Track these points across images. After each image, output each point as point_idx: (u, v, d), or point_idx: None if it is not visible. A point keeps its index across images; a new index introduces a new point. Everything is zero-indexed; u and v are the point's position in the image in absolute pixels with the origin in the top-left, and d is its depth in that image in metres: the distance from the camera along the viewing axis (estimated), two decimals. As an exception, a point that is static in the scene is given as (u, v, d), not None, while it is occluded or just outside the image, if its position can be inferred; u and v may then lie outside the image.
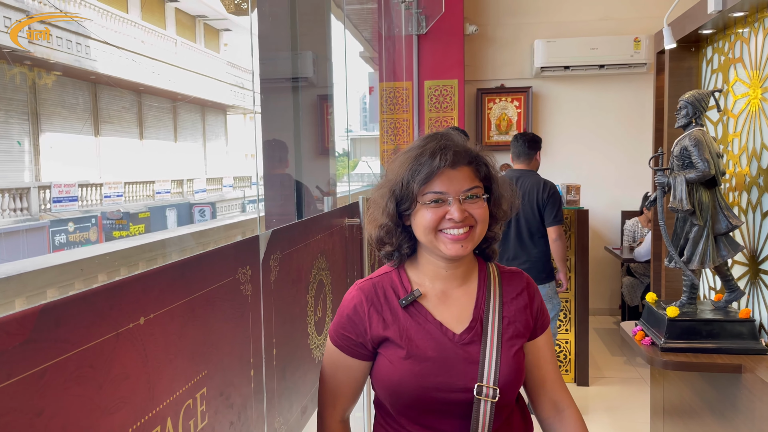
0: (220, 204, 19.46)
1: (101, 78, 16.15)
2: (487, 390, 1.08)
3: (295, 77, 2.78)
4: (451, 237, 1.10)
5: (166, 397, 0.91)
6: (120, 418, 0.79)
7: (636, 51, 5.03)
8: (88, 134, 16.71)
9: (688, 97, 1.97)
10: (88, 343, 0.72)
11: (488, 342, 1.12)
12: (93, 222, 15.36)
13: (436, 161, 1.10)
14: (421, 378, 1.08)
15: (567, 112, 5.45)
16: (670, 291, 2.56)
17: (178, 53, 19.09)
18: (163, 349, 0.90)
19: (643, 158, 5.31)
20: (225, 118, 23.82)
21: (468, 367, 1.09)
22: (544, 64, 5.18)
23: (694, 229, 1.95)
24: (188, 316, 0.98)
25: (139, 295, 0.84)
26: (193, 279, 1.00)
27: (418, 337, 1.11)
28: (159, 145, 19.68)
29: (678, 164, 1.97)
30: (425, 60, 5.17)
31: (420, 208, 1.12)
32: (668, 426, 2.56)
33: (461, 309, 1.16)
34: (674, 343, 1.95)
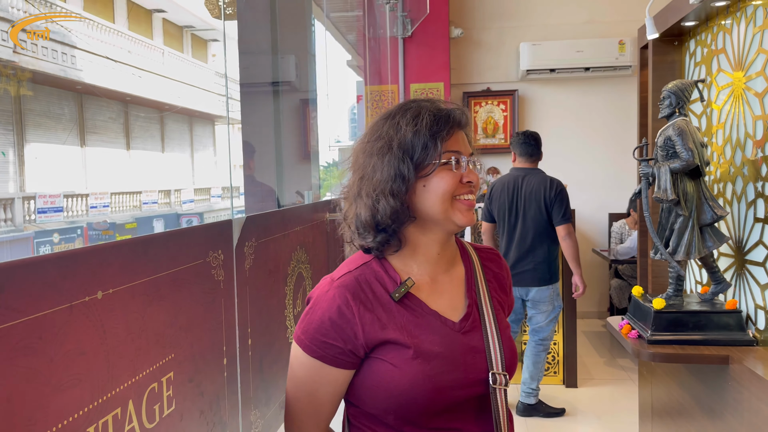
0: (208, 214, 19.33)
1: (87, 88, 16.06)
2: (500, 378, 1.01)
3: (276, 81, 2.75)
4: (467, 203, 1.01)
5: (127, 378, 0.87)
6: (74, 396, 0.75)
7: (621, 53, 5.04)
8: (74, 144, 16.58)
9: (671, 87, 1.96)
10: (36, 313, 0.68)
11: (488, 327, 1.04)
12: (79, 233, 15.20)
13: (451, 119, 1.01)
14: (434, 378, 0.97)
15: (553, 115, 5.45)
16: (656, 286, 2.54)
17: (166, 63, 19.04)
18: (124, 328, 0.86)
19: (630, 161, 5.30)
20: (213, 128, 23.74)
21: (475, 357, 1.01)
22: (529, 67, 5.18)
23: (679, 219, 1.93)
24: (153, 295, 0.94)
25: (95, 268, 0.79)
26: (159, 257, 0.96)
27: (420, 331, 0.99)
28: (146, 156, 19.56)
29: (662, 154, 1.96)
30: (411, 63, 5.16)
31: (441, 170, 0.99)
32: (657, 424, 2.53)
33: (453, 295, 1.07)
34: (661, 335, 1.92)
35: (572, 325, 3.82)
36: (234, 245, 1.29)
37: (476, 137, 5.49)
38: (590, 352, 4.56)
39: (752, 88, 1.91)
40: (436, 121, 1.00)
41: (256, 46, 2.66)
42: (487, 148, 5.45)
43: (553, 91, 5.44)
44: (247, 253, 1.36)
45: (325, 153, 5.06)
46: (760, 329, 1.87)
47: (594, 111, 5.40)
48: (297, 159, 2.81)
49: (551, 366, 3.87)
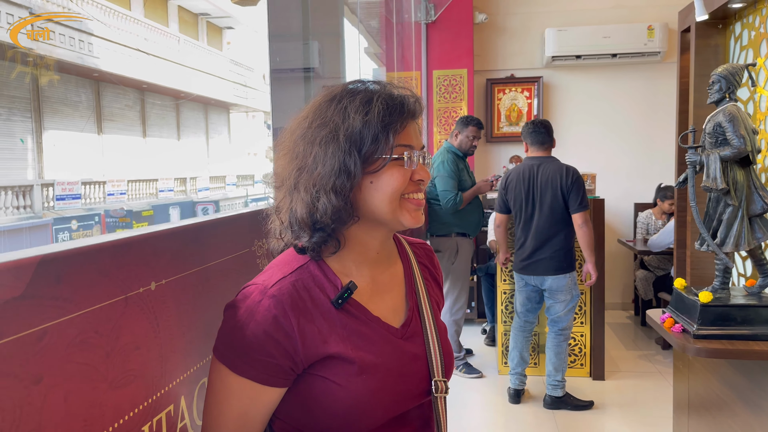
0: (223, 202, 19.39)
1: (104, 75, 16.10)
2: (441, 385, 0.93)
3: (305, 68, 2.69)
4: (416, 203, 0.90)
5: (179, 373, 0.82)
6: (129, 394, 0.70)
7: (650, 39, 4.92)
8: (91, 132, 16.66)
9: (721, 71, 1.88)
10: (93, 305, 0.63)
11: (428, 331, 0.96)
12: (96, 220, 15.31)
13: (408, 106, 0.89)
14: (380, 393, 0.87)
15: (578, 102, 5.35)
16: (695, 279, 2.46)
17: (181, 51, 19.04)
18: (176, 321, 0.81)
19: (657, 149, 5.21)
20: (228, 116, 23.75)
21: (416, 365, 0.93)
22: (555, 53, 5.08)
23: (728, 210, 1.85)
24: (203, 286, 0.89)
25: (149, 257, 0.75)
26: (208, 246, 0.91)
27: (363, 343, 0.88)
28: (162, 143, 19.62)
29: (711, 141, 1.88)
30: (434, 49, 5.07)
31: (391, 167, 0.87)
32: (694, 419, 2.46)
33: (393, 297, 0.96)
34: (708, 330, 1.85)
35: (599, 318, 3.76)
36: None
37: (499, 125, 5.40)
38: (616, 344, 4.49)
39: (807, 72, 1.82)
40: (389, 110, 0.87)
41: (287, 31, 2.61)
42: (511, 136, 5.37)
43: (578, 78, 5.33)
44: (289, 242, 1.31)
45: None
46: (812, 324, 1.80)
47: (620, 98, 5.29)
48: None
49: (578, 358, 3.81)
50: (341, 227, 0.89)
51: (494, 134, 5.39)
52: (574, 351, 3.80)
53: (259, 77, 23.21)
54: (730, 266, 1.92)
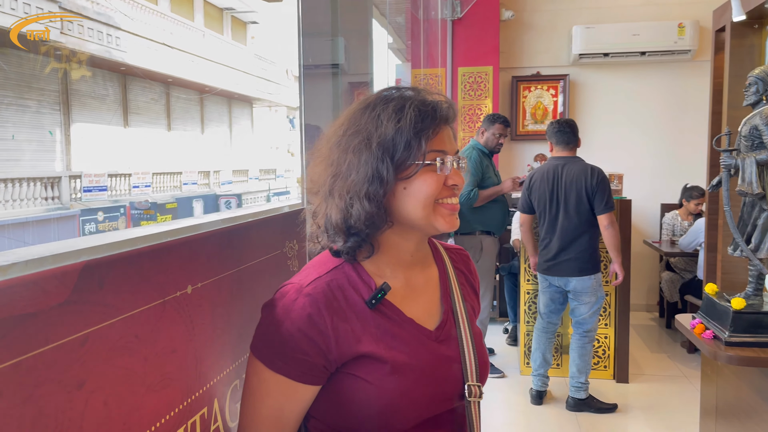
0: (246, 195, 19.53)
1: (131, 69, 16.30)
2: (474, 389, 0.93)
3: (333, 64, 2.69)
4: (450, 207, 0.91)
5: (213, 375, 0.83)
6: (166, 397, 0.71)
7: (680, 37, 4.84)
8: (118, 125, 16.88)
9: (758, 73, 1.83)
10: (133, 310, 0.64)
11: (463, 335, 0.96)
12: (122, 211, 15.53)
13: (441, 112, 0.90)
14: (413, 394, 0.88)
15: (605, 101, 5.28)
16: (726, 283, 2.42)
17: (206, 45, 19.18)
18: (211, 323, 0.82)
19: (684, 149, 5.12)
20: (251, 110, 23.89)
21: (450, 368, 0.93)
22: (582, 51, 5.01)
23: (764, 214, 1.81)
24: (236, 288, 0.89)
25: (185, 261, 0.75)
26: (242, 248, 0.91)
27: (396, 343, 0.89)
28: (186, 137, 19.81)
29: (747, 145, 1.84)
30: (459, 46, 5.04)
31: (424, 172, 0.88)
32: (721, 426, 2.42)
33: (428, 300, 0.97)
34: (740, 337, 1.82)
35: (624, 319, 3.71)
36: (307, 234, 1.24)
37: (524, 123, 5.36)
38: (640, 346, 4.43)
39: None
40: (422, 116, 0.88)
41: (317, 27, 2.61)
42: (536, 134, 5.32)
43: (605, 76, 5.26)
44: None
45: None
46: None
47: (648, 97, 5.21)
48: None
49: (601, 360, 3.77)
50: (375, 232, 0.90)
51: (519, 132, 5.34)
52: (597, 353, 3.76)
53: (282, 72, 23.31)
54: (764, 272, 1.88)
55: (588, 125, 5.28)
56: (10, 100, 13.16)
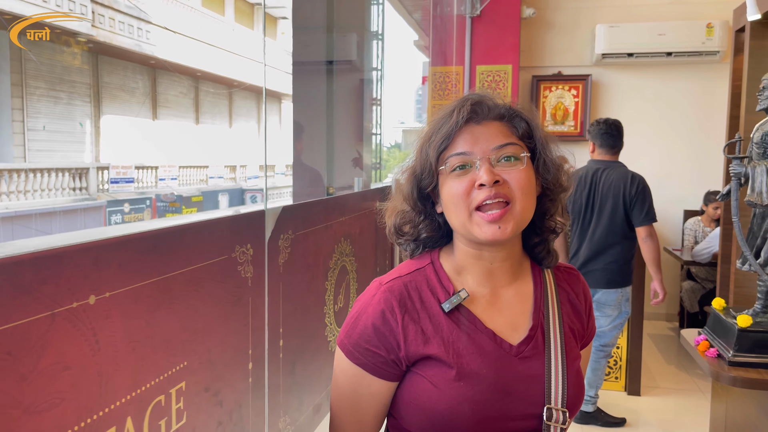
0: (271, 191, 19.56)
1: (160, 63, 16.49)
2: (557, 414, 0.87)
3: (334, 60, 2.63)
4: (486, 216, 0.86)
5: (125, 392, 0.76)
6: (54, 417, 0.64)
7: (708, 38, 4.65)
8: (146, 117, 17.10)
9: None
10: (4, 325, 0.58)
11: (552, 355, 0.91)
12: (147, 204, 15.75)
13: (453, 117, 0.89)
14: (478, 405, 0.85)
15: (628, 103, 5.11)
16: (739, 297, 2.29)
17: (236, 40, 19.31)
18: (124, 336, 0.76)
19: (711, 155, 4.93)
20: (279, 106, 24.02)
21: (530, 387, 0.89)
22: (605, 50, 4.86)
23: (774, 227, 1.69)
24: (162, 297, 0.83)
25: (87, 270, 0.69)
26: (171, 254, 0.85)
27: (468, 351, 0.88)
28: (214, 130, 19.98)
29: (758, 152, 1.72)
30: (478, 44, 4.93)
31: (445, 180, 0.90)
32: (730, 447, 2.29)
33: (516, 314, 0.93)
34: (744, 357, 1.70)
35: (638, 328, 3.58)
36: (267, 238, 1.17)
37: (544, 124, 5.22)
38: (656, 357, 4.28)
39: None
40: (437, 127, 0.91)
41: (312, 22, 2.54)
42: (556, 135, 5.18)
43: (629, 76, 5.10)
44: (282, 247, 1.25)
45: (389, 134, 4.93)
46: None
47: (674, 100, 5.03)
48: (351, 140, 2.68)
49: (612, 371, 3.64)
50: (422, 234, 0.96)
51: (538, 133, 5.21)
52: (609, 363, 3.64)
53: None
54: (773, 289, 1.76)
55: (610, 127, 5.13)
56: (42, 91, 13.41)
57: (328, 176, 2.47)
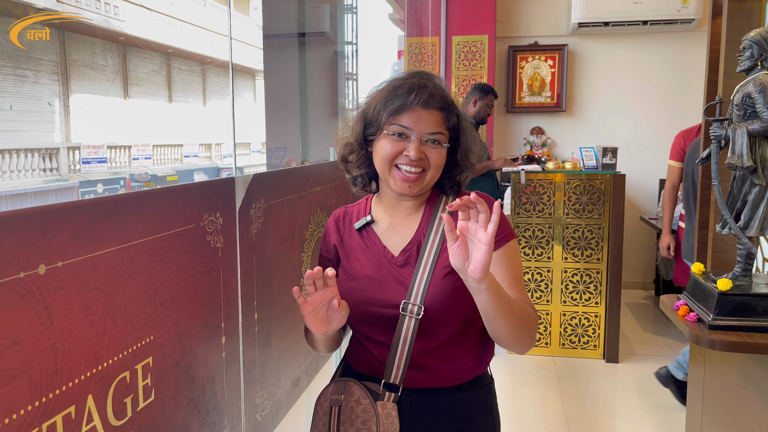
0: (248, 168, 19.37)
1: (130, 39, 16.08)
2: (411, 307, 1.12)
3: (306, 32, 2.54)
4: (402, 175, 1.14)
5: (85, 368, 0.71)
6: (4, 396, 0.59)
7: (684, 5, 4.63)
8: (117, 96, 16.70)
9: (753, 36, 1.68)
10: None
11: (422, 264, 1.15)
12: (121, 184, 15.45)
13: (411, 97, 1.12)
14: (358, 293, 1.16)
15: (605, 72, 5.10)
16: (717, 262, 2.29)
17: (207, 15, 18.88)
18: (81, 308, 0.70)
19: (686, 123, 4.95)
20: (254, 82, 23.60)
21: (398, 286, 1.15)
22: (581, 20, 4.82)
23: (754, 190, 1.68)
24: (124, 267, 0.78)
25: (36, 236, 0.63)
26: (132, 222, 0.79)
27: (361, 257, 1.20)
28: (187, 108, 19.62)
29: (738, 114, 1.69)
30: (454, 14, 4.85)
31: (382, 137, 1.15)
32: (708, 410, 2.32)
33: (405, 234, 1.20)
34: (725, 321, 1.70)
35: (616, 296, 3.60)
36: (237, 207, 1.12)
37: (521, 95, 5.19)
38: (633, 325, 4.33)
39: None
40: (394, 94, 1.14)
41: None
42: (533, 106, 5.15)
43: (606, 46, 5.07)
44: (254, 216, 1.20)
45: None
46: (842, 318, 1.64)
47: (650, 68, 5.03)
48: (326, 114, 2.62)
49: (591, 339, 3.67)
50: (362, 168, 1.23)
51: (515, 104, 5.18)
52: (587, 332, 3.66)
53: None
54: (753, 252, 1.76)
55: (586, 96, 5.11)
56: (8, 70, 12.98)
57: (303, 151, 2.41)
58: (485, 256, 0.97)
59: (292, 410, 1.43)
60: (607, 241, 3.57)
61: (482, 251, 0.97)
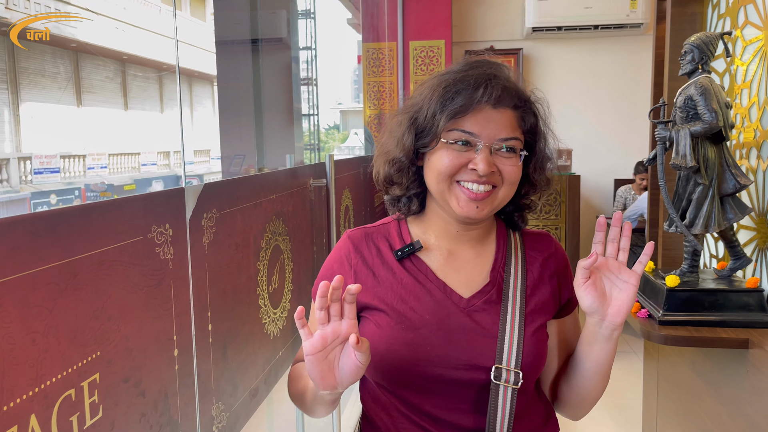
0: (208, 176, 19.13)
1: (82, 46, 15.74)
2: (507, 374, 0.87)
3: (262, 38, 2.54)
4: (468, 193, 0.90)
5: (26, 388, 0.70)
6: (-64, 421, 0.58)
7: (632, 10, 4.77)
8: (70, 104, 16.32)
9: (694, 40, 1.75)
10: None
11: (509, 313, 0.91)
12: (76, 194, 15.09)
13: (478, 93, 0.88)
14: (418, 348, 0.88)
15: (559, 75, 5.21)
16: (667, 259, 2.37)
17: (163, 21, 18.60)
18: (20, 326, 0.69)
19: (638, 124, 5.09)
20: (212, 89, 23.31)
21: (478, 340, 0.89)
22: (535, 24, 4.91)
23: (698, 189, 1.74)
24: (67, 283, 0.76)
25: (-30, 254, 0.62)
26: (75, 236, 0.78)
27: (413, 297, 0.92)
28: (144, 116, 19.29)
29: (682, 116, 1.76)
30: (410, 19, 4.89)
31: (440, 147, 0.91)
32: (662, 404, 2.39)
33: (473, 272, 0.95)
34: (674, 316, 1.75)
35: (574, 296, 3.68)
36: (188, 218, 1.11)
37: (478, 98, 5.25)
38: (592, 322, 4.42)
39: (786, 41, 1.70)
40: (454, 92, 0.89)
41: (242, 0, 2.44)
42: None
43: (559, 50, 5.18)
44: (206, 226, 1.19)
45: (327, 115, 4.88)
46: (783, 310, 1.71)
47: (602, 72, 5.16)
48: (282, 121, 2.61)
49: (551, 338, 3.74)
50: (412, 189, 0.97)
51: (473, 108, 5.25)
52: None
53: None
54: (699, 249, 1.82)
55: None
56: (-47, 79, 12.56)
57: (259, 157, 2.39)
58: (632, 298, 0.86)
59: (252, 421, 1.42)
60: (565, 241, 3.65)
61: (629, 292, 0.86)
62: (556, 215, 3.64)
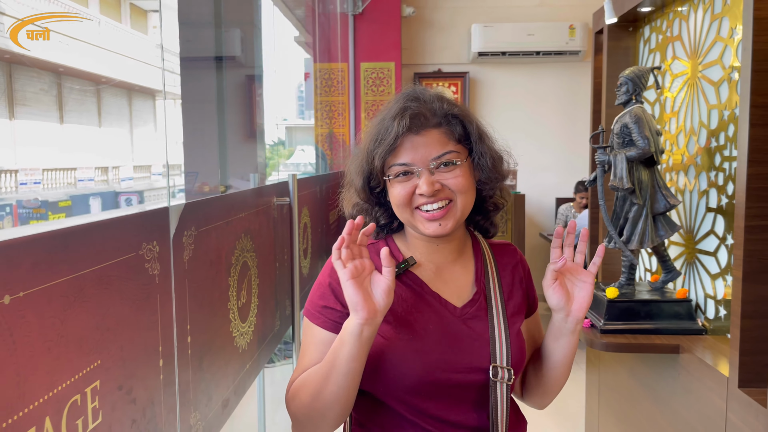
0: (148, 192, 18.69)
1: (16, 57, 15.20)
2: (502, 372, 0.96)
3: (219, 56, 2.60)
4: (425, 215, 0.98)
5: (43, 392, 0.75)
6: (-27, 422, 0.63)
7: (571, 38, 5.06)
8: (2, 117, 15.69)
9: (628, 74, 1.93)
10: None
11: (495, 317, 1.01)
12: (8, 211, 14.44)
13: (399, 127, 0.96)
14: (425, 356, 0.95)
15: (503, 98, 5.44)
16: (606, 273, 2.55)
17: (102, 33, 18.18)
18: (39, 335, 0.74)
19: (579, 146, 5.38)
20: (153, 103, 22.87)
21: (474, 344, 0.98)
22: (481, 49, 5.14)
23: (634, 208, 1.91)
24: (75, 296, 0.82)
25: (2, 269, 0.67)
26: (81, 252, 0.84)
27: (415, 309, 0.99)
28: (81, 130, 18.72)
29: (618, 142, 1.93)
30: (361, 41, 5.03)
31: (391, 183, 1.00)
32: (604, 410, 2.55)
33: (460, 283, 1.04)
34: (613, 325, 1.91)
35: (520, 310, 3.84)
36: (171, 235, 1.17)
37: (426, 119, 5.42)
38: (536, 335, 4.61)
39: (708, 76, 1.90)
40: (381, 129, 0.99)
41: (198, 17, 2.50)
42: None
43: (504, 74, 5.42)
44: (186, 243, 1.25)
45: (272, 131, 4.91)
46: (709, 318, 1.89)
47: (544, 95, 5.42)
48: (242, 138, 2.67)
49: (498, 350, 3.89)
50: (381, 221, 1.06)
51: (421, 128, 5.41)
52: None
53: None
54: (635, 263, 1.99)
55: (487, 121, 5.42)
56: None
57: (222, 176, 2.44)
58: (590, 295, 0.98)
59: (223, 430, 1.47)
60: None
61: (587, 290, 0.98)
62: (503, 232, 3.80)
